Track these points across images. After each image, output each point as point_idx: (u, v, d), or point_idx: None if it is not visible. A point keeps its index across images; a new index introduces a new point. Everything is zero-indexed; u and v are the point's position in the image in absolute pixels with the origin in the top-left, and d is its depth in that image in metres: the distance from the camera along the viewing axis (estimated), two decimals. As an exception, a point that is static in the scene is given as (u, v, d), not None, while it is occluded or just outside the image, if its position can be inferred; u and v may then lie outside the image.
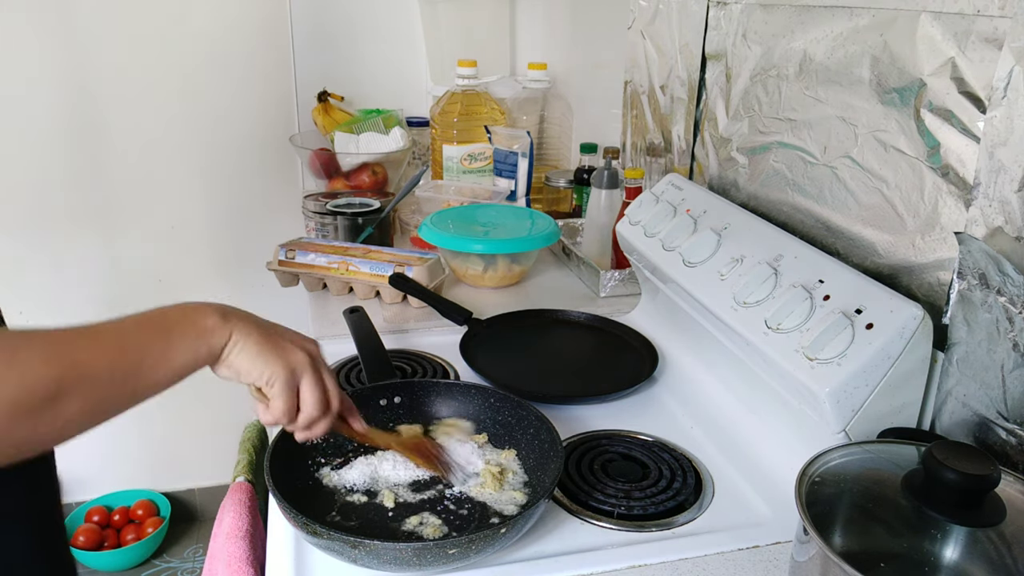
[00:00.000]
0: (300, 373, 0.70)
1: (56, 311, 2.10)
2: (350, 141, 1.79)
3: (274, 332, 0.71)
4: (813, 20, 0.96)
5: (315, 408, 0.71)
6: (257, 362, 0.67)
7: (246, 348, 0.67)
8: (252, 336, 0.67)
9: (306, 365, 0.71)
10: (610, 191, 1.36)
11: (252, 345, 0.67)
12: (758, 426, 0.91)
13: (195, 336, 0.64)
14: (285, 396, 0.69)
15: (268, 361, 0.68)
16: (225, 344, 0.66)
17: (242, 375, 0.68)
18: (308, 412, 0.71)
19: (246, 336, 0.67)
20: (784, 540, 0.75)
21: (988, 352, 0.72)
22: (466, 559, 0.69)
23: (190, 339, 0.64)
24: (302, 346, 0.72)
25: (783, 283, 0.86)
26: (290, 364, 0.69)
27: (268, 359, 0.68)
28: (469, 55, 1.63)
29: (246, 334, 0.67)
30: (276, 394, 0.69)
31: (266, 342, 0.68)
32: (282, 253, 1.33)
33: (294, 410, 0.71)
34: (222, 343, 0.66)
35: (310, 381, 0.71)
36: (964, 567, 0.57)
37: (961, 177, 0.76)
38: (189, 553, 2.24)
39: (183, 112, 2.02)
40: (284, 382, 0.69)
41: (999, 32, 0.70)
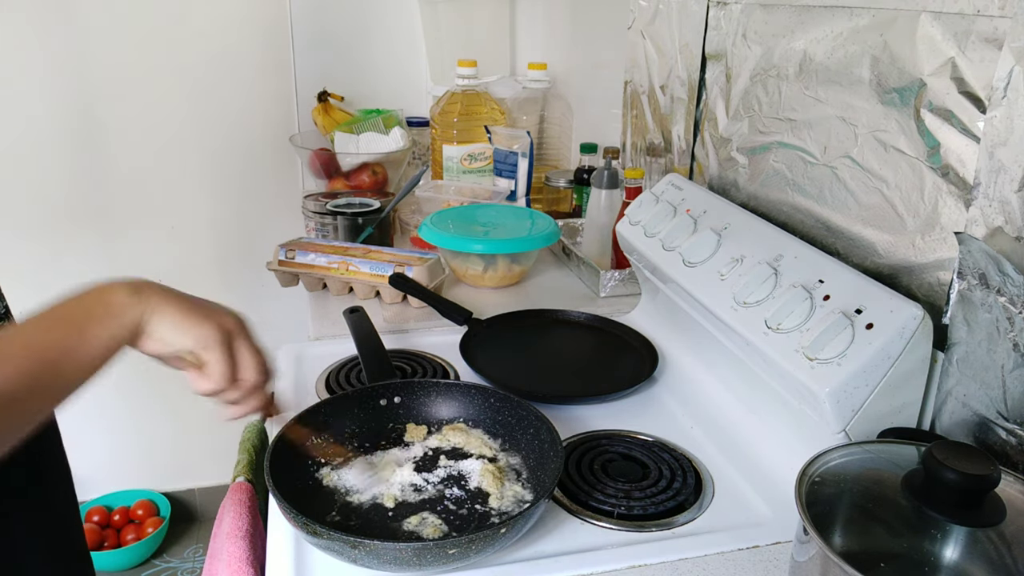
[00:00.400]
0: (234, 334, 0.68)
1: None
2: (350, 141, 1.80)
3: (195, 300, 0.68)
4: (813, 20, 0.96)
5: (256, 370, 0.69)
6: (183, 326, 0.65)
7: (167, 315, 0.64)
8: (171, 303, 0.65)
9: (238, 327, 0.68)
10: (610, 191, 1.36)
11: (173, 312, 0.65)
12: (758, 426, 0.91)
13: (108, 318, 0.62)
14: (221, 356, 0.66)
15: (195, 323, 0.65)
16: (142, 318, 0.63)
17: (168, 344, 0.65)
18: (250, 375, 0.68)
19: (164, 304, 0.64)
20: (784, 540, 0.75)
21: (988, 352, 0.72)
22: (466, 559, 0.69)
23: (103, 323, 0.61)
24: (228, 312, 0.70)
25: (783, 283, 0.86)
26: (221, 325, 0.67)
27: (195, 321, 0.65)
28: (469, 55, 1.63)
29: (163, 302, 0.65)
30: (212, 356, 0.66)
31: (188, 307, 0.66)
32: (282, 253, 1.33)
33: (232, 373, 0.68)
34: (138, 317, 0.63)
35: (246, 342, 0.68)
36: (964, 567, 0.57)
37: (961, 177, 0.76)
38: (189, 553, 2.24)
39: (183, 112, 2.02)
40: (218, 341, 0.66)
41: (999, 32, 0.70)
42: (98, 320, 0.61)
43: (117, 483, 2.29)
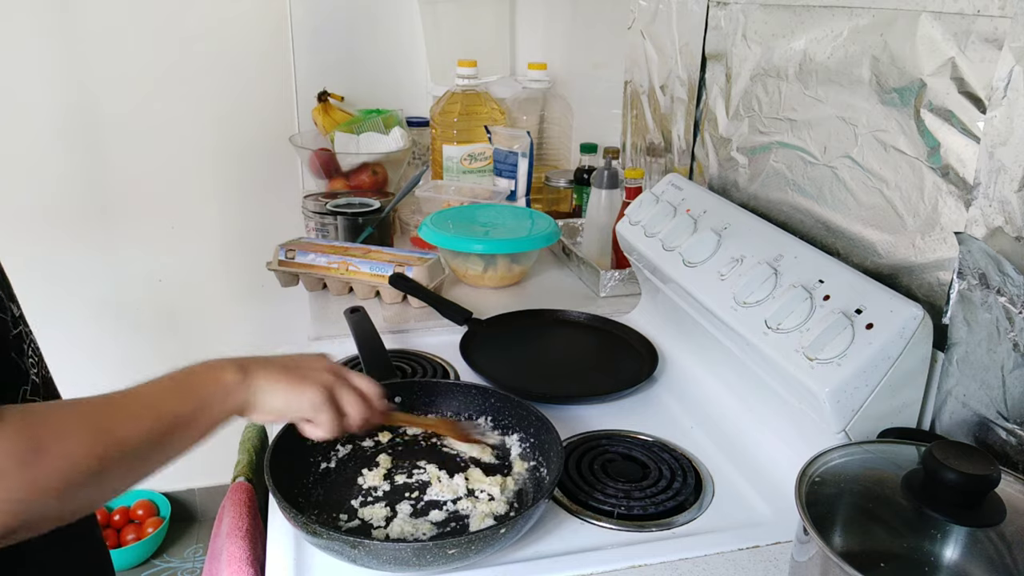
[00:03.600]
0: (334, 389, 0.73)
1: (56, 312, 2.10)
2: (350, 141, 1.79)
3: (292, 365, 0.73)
4: (813, 20, 0.96)
5: (360, 416, 0.74)
6: (292, 398, 0.70)
7: (274, 391, 0.69)
8: (274, 377, 0.70)
9: (335, 380, 0.73)
10: (610, 191, 1.36)
11: (278, 385, 0.70)
12: (758, 426, 0.91)
13: (222, 396, 0.67)
14: (330, 414, 0.72)
15: (301, 392, 0.71)
16: (250, 396, 0.68)
17: (283, 415, 0.71)
18: (356, 421, 0.74)
19: (269, 380, 0.69)
20: (784, 540, 0.75)
21: (988, 352, 0.72)
22: (466, 559, 0.69)
23: (217, 399, 0.67)
24: (321, 365, 0.75)
25: (783, 283, 0.86)
26: (323, 384, 0.72)
27: (300, 390, 0.71)
28: (469, 55, 1.63)
29: (268, 378, 0.70)
30: (322, 417, 0.72)
31: (290, 376, 0.71)
32: (282, 253, 1.33)
33: (342, 424, 0.74)
34: (247, 396, 0.68)
35: (346, 393, 0.74)
36: (964, 567, 0.57)
37: (961, 177, 0.76)
38: (189, 553, 2.24)
39: (183, 112, 2.02)
40: (325, 402, 0.71)
41: (999, 32, 0.70)
42: (213, 398, 0.66)
43: (117, 483, 2.29)
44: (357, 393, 0.75)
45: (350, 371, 0.77)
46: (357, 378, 0.77)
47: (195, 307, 2.19)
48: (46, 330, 1.12)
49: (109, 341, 2.17)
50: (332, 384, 0.73)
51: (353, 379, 0.76)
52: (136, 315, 2.17)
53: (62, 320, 2.12)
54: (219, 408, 0.67)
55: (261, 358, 0.72)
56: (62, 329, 2.12)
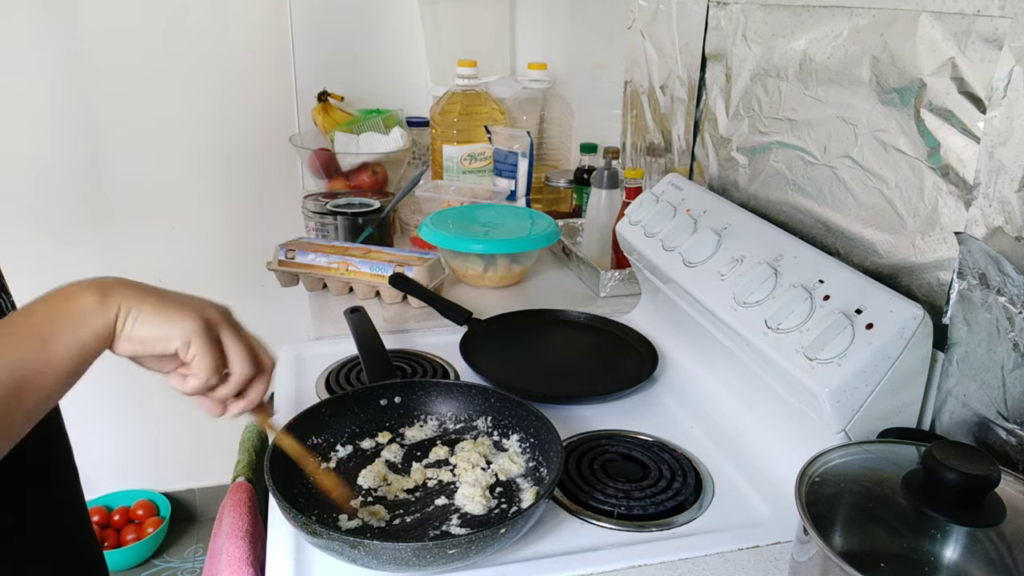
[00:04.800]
0: (216, 326, 0.62)
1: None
2: (350, 141, 1.80)
3: (170, 293, 0.63)
4: (813, 20, 0.96)
5: (246, 363, 0.63)
6: (162, 324, 0.59)
7: (142, 314, 0.59)
8: (144, 299, 0.60)
9: (221, 318, 0.63)
10: (610, 191, 1.36)
11: (149, 309, 0.59)
12: (758, 426, 0.91)
13: (75, 326, 0.57)
14: (207, 349, 0.61)
15: (174, 319, 0.60)
16: (115, 319, 0.59)
17: (147, 344, 0.60)
18: (240, 368, 0.63)
19: (139, 302, 0.59)
20: (784, 540, 0.75)
21: (988, 352, 0.72)
22: (466, 559, 0.69)
23: (71, 333, 0.57)
24: (210, 303, 0.64)
25: (783, 283, 0.86)
26: (203, 315, 0.61)
27: (174, 317, 0.60)
28: (469, 55, 1.63)
29: (136, 300, 0.59)
30: (195, 349, 0.60)
31: (164, 301, 0.61)
32: (282, 253, 1.33)
33: (221, 367, 0.63)
34: (110, 320, 0.58)
35: (231, 333, 0.63)
36: (964, 567, 0.57)
37: (961, 177, 0.76)
38: (189, 553, 2.24)
39: (183, 112, 2.02)
40: (200, 332, 0.60)
41: (999, 32, 0.70)
42: (65, 330, 0.57)
43: (117, 483, 2.29)
44: (243, 341, 0.64)
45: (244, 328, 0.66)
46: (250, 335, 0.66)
47: (195, 307, 2.19)
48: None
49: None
50: (215, 320, 0.62)
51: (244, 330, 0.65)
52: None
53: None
54: (73, 343, 0.57)
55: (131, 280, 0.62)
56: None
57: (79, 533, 0.95)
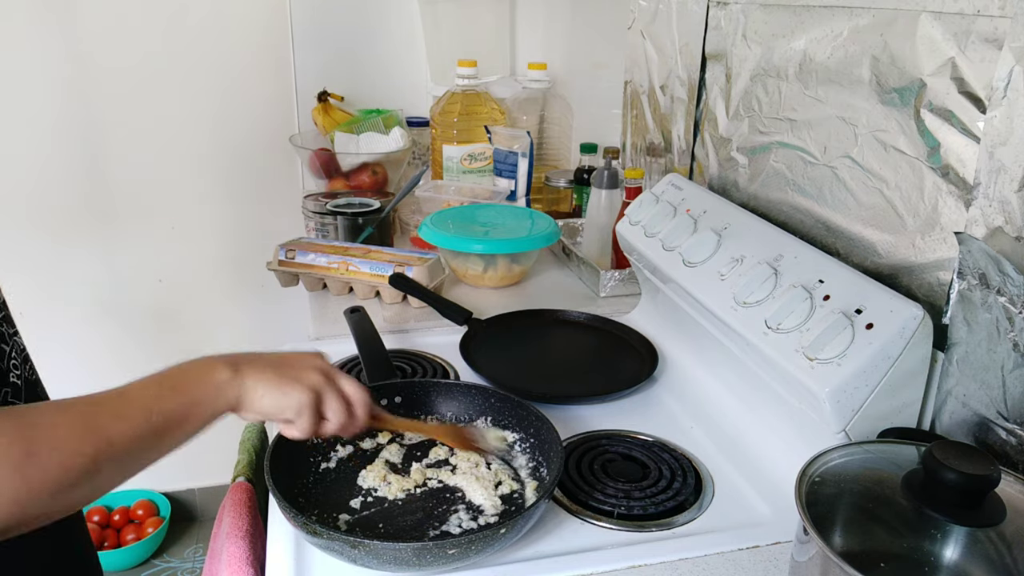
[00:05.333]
0: (322, 392, 0.73)
1: (56, 312, 2.10)
2: (350, 141, 1.79)
3: (283, 364, 0.73)
4: (813, 20, 0.96)
5: (338, 424, 0.74)
6: (279, 398, 0.70)
7: (263, 390, 0.70)
8: (265, 377, 0.70)
9: (324, 383, 0.73)
10: (610, 191, 1.36)
11: (267, 385, 0.70)
12: (758, 426, 0.91)
13: (213, 394, 0.68)
14: (310, 419, 0.72)
15: (288, 393, 0.71)
16: (241, 393, 0.69)
17: (267, 414, 0.71)
18: (333, 429, 0.74)
19: (259, 380, 0.70)
20: (784, 540, 0.75)
21: (988, 352, 0.72)
22: (466, 559, 0.69)
23: (208, 398, 0.67)
24: (312, 365, 0.74)
25: (783, 283, 0.86)
26: (311, 387, 0.72)
27: (287, 391, 0.71)
28: (469, 55, 1.63)
29: (258, 378, 0.70)
30: (302, 420, 0.72)
31: (279, 378, 0.71)
32: (282, 253, 1.33)
33: (317, 426, 0.73)
34: (237, 394, 0.69)
35: (332, 396, 0.73)
36: (964, 567, 0.57)
37: (961, 177, 0.76)
38: (189, 553, 2.24)
39: (183, 112, 2.02)
40: (307, 406, 0.71)
41: (999, 32, 0.70)
42: (204, 396, 0.67)
43: (117, 483, 2.29)
44: (343, 399, 0.74)
45: (342, 374, 0.76)
46: (347, 383, 0.76)
47: (195, 307, 2.19)
48: (45, 331, 1.12)
49: (109, 341, 2.17)
50: (320, 387, 0.73)
51: (343, 383, 0.76)
52: (136, 315, 2.17)
53: (62, 320, 2.12)
54: (210, 406, 0.68)
55: (253, 355, 0.73)
56: (62, 329, 2.12)
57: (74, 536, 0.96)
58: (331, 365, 0.77)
